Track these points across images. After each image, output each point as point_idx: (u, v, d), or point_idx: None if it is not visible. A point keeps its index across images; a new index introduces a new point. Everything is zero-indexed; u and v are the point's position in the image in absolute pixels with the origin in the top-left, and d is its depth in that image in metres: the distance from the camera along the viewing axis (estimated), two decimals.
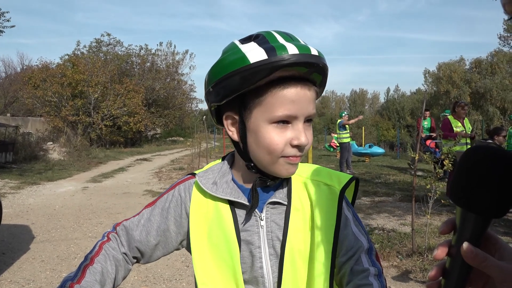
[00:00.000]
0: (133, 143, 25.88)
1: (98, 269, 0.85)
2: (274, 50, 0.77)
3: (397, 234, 5.05)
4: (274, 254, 0.89)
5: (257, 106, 0.82)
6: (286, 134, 0.82)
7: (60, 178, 10.77)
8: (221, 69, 0.82)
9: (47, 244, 4.94)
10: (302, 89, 0.81)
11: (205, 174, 0.93)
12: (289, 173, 0.86)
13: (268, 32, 0.84)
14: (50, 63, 24.49)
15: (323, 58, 0.82)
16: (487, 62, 32.66)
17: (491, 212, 0.50)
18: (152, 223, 0.93)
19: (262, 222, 0.89)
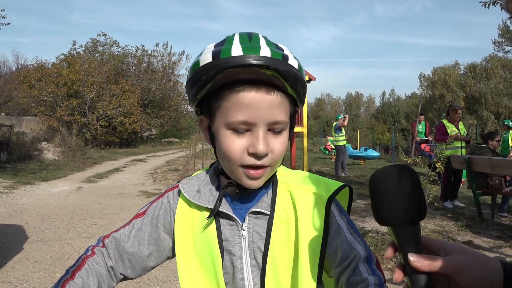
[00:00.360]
0: (128, 144, 25.80)
1: (78, 284, 0.82)
2: (219, 53, 0.75)
3: (391, 237, 5.06)
4: (256, 266, 0.86)
5: (218, 111, 0.81)
6: (242, 141, 0.79)
7: (54, 178, 10.72)
8: (188, 72, 0.84)
9: (40, 244, 4.92)
10: (259, 93, 0.76)
11: (189, 181, 0.92)
12: (249, 185, 0.82)
13: (234, 34, 0.82)
14: (46, 63, 24.44)
15: (277, 60, 0.75)
16: (481, 67, 32.85)
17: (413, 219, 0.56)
18: (144, 233, 0.92)
19: (244, 232, 0.86)
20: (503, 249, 4.73)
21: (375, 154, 15.93)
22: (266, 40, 0.80)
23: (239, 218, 0.87)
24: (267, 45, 0.78)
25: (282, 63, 0.75)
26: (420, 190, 0.58)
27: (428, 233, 5.23)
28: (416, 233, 0.57)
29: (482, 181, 6.10)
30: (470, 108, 31.42)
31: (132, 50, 30.12)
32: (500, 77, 31.51)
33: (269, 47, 0.77)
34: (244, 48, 0.75)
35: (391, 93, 61.55)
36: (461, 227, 5.66)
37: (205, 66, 0.76)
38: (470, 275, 0.56)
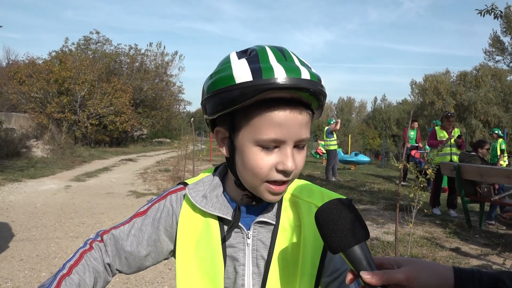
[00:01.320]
0: (118, 143, 25.62)
1: (75, 280, 0.83)
2: (260, 72, 0.74)
3: (380, 243, 5.08)
4: (257, 273, 0.89)
5: (244, 126, 0.79)
6: (272, 158, 0.79)
7: (42, 175, 10.60)
8: (212, 84, 0.80)
9: (26, 243, 4.85)
10: (292, 113, 0.77)
11: (195, 186, 0.92)
12: (271, 200, 0.83)
13: (262, 49, 0.80)
14: (37, 59, 24.18)
15: (316, 82, 0.77)
16: (472, 76, 33.27)
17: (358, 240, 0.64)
18: (144, 233, 0.92)
19: (249, 240, 0.88)
20: (490, 256, 4.77)
21: (365, 159, 16.00)
22: (298, 58, 0.81)
23: (245, 226, 0.89)
24: (302, 64, 0.78)
25: (318, 85, 0.77)
26: (357, 214, 0.67)
27: (417, 239, 5.26)
28: (366, 252, 0.64)
29: (470, 188, 6.15)
30: (460, 116, 31.77)
31: (125, 49, 29.99)
32: (490, 86, 31.93)
33: (305, 67, 0.78)
34: (285, 69, 0.74)
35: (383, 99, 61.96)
36: (449, 234, 5.70)
37: (244, 84, 0.74)
38: (419, 281, 0.62)
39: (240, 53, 0.83)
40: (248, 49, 0.82)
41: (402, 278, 0.61)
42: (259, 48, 0.80)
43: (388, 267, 0.65)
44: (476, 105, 30.34)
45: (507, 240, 5.49)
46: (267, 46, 0.81)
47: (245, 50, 0.83)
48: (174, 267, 0.92)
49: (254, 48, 0.81)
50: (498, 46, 32.07)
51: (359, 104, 72.31)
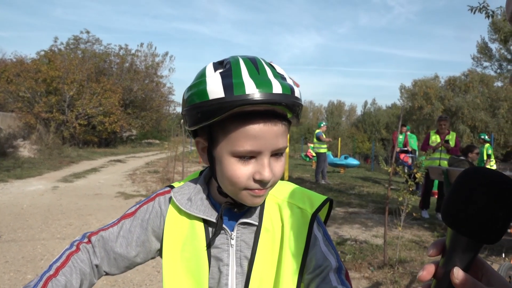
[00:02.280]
0: (107, 144, 25.39)
1: (61, 282, 0.83)
2: (231, 88, 0.76)
3: (369, 246, 5.10)
4: (241, 273, 0.91)
5: (222, 138, 0.82)
6: (249, 168, 0.82)
7: (29, 176, 10.45)
8: (189, 97, 0.83)
9: (12, 244, 4.77)
10: (266, 125, 0.79)
11: (180, 190, 0.94)
12: (253, 203, 0.86)
13: (236, 61, 0.82)
14: (25, 58, 23.88)
15: (288, 95, 0.78)
16: (460, 81, 33.67)
17: (485, 237, 0.49)
18: (133, 234, 0.93)
19: (233, 241, 0.91)
20: None
21: (355, 163, 16.08)
22: (272, 70, 0.82)
23: (229, 228, 0.91)
24: (275, 77, 0.80)
25: (291, 98, 0.79)
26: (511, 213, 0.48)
27: (405, 243, 5.30)
28: (477, 252, 0.52)
29: None
30: None
31: (115, 49, 29.76)
32: (478, 91, 32.35)
33: (277, 79, 0.79)
34: (257, 84, 0.76)
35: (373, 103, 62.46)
36: (437, 237, 5.74)
37: (215, 100, 0.77)
38: None
39: (216, 65, 0.85)
40: (224, 61, 0.85)
41: None
42: (233, 60, 0.82)
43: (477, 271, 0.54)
44: (463, 110, 30.68)
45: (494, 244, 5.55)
46: (241, 58, 0.83)
47: (221, 61, 0.85)
48: (162, 269, 0.93)
49: (229, 60, 0.83)
50: (486, 52, 32.56)
51: (349, 108, 72.77)
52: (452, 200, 0.51)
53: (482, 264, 0.54)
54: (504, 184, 0.48)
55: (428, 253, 0.55)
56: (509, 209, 0.48)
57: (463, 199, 0.49)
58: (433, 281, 0.53)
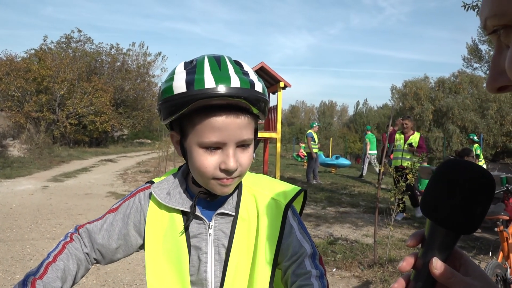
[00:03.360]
0: (98, 143, 25.23)
1: (60, 266, 0.89)
2: (192, 83, 0.83)
3: (359, 245, 5.14)
4: (218, 260, 0.97)
5: (190, 131, 0.88)
6: (215, 158, 0.87)
7: (18, 175, 10.35)
8: (160, 93, 0.89)
9: (1, 244, 4.72)
10: (229, 117, 0.85)
11: (160, 185, 0.99)
12: (222, 192, 0.92)
13: (202, 60, 0.88)
14: (15, 56, 23.62)
15: (246, 89, 0.84)
16: (450, 82, 33.97)
17: (462, 228, 0.50)
18: (114, 228, 0.99)
19: (211, 230, 0.97)
20: None
21: (346, 163, 16.16)
22: (234, 67, 0.87)
23: (207, 218, 0.97)
24: (236, 73, 0.86)
25: (250, 91, 0.85)
26: (488, 205, 0.51)
27: (395, 242, 5.34)
28: (455, 243, 0.53)
29: None
30: (438, 121, 32.39)
31: (107, 48, 29.57)
32: (468, 92, 32.66)
33: (237, 75, 0.85)
34: (216, 79, 0.83)
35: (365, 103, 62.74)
36: None
37: (179, 95, 0.84)
38: None
39: (187, 63, 0.91)
40: (192, 60, 0.91)
41: None
42: (200, 58, 0.89)
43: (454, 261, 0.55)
44: (453, 110, 30.94)
45: (482, 243, 5.62)
46: (207, 56, 0.90)
47: (191, 60, 0.92)
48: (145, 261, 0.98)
49: (197, 58, 0.90)
50: (476, 53, 32.89)
51: (340, 108, 73.06)
52: (431, 192, 0.52)
53: (460, 255, 0.56)
54: (483, 178, 0.49)
55: (407, 243, 0.56)
56: (486, 202, 0.49)
57: (442, 191, 0.50)
58: (412, 272, 0.54)
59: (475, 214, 0.49)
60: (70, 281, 0.91)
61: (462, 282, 0.51)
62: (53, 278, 0.86)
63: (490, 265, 3.13)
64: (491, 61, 0.51)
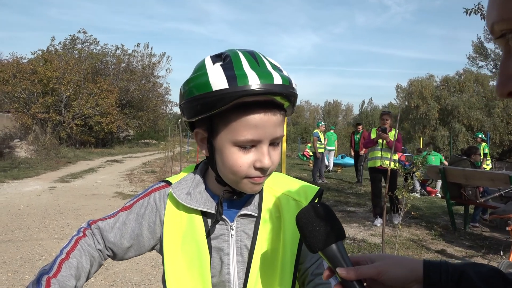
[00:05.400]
0: (104, 144, 25.32)
1: (73, 263, 0.88)
2: (235, 79, 0.79)
3: (367, 245, 5.12)
4: (241, 261, 0.95)
5: (223, 129, 0.85)
6: (249, 157, 0.85)
7: (26, 176, 10.41)
8: (190, 89, 0.85)
9: (9, 245, 4.75)
10: (266, 115, 0.83)
11: (179, 185, 0.97)
12: (253, 191, 0.90)
13: (236, 54, 0.85)
14: (21, 58, 23.75)
15: (287, 85, 0.83)
16: (455, 80, 33.80)
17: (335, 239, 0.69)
18: (127, 227, 0.97)
19: (233, 231, 0.95)
20: (474, 258, 4.84)
21: (352, 162, 16.10)
22: (270, 63, 0.86)
23: (229, 219, 0.95)
24: (273, 69, 0.84)
25: (289, 88, 0.83)
26: (333, 216, 0.72)
27: (403, 241, 5.31)
28: (341, 251, 0.69)
29: (456, 191, 6.24)
30: (444, 120, 32.23)
31: (112, 49, 29.67)
32: (473, 91, 32.47)
33: (277, 72, 0.83)
34: (259, 76, 0.80)
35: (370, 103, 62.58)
36: (435, 236, 5.77)
37: (220, 91, 0.79)
38: (389, 275, 0.66)
39: (214, 58, 0.87)
40: (222, 54, 0.87)
41: (373, 272, 0.67)
42: (232, 53, 0.85)
43: (363, 263, 0.70)
44: (459, 109, 30.78)
45: (491, 242, 5.58)
46: (239, 51, 0.86)
47: (219, 55, 0.88)
48: (161, 269, 0.96)
49: (227, 53, 0.86)
50: (482, 52, 32.69)
51: (345, 107, 72.90)
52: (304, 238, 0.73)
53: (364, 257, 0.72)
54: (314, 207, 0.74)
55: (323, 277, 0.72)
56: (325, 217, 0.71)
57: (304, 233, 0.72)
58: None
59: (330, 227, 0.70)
60: (84, 278, 0.90)
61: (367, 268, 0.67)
62: (67, 276, 0.85)
63: (502, 264, 3.10)
64: (500, 66, 0.51)
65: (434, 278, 0.65)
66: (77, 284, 0.87)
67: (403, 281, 0.66)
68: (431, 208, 8.21)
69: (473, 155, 6.97)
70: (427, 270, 0.66)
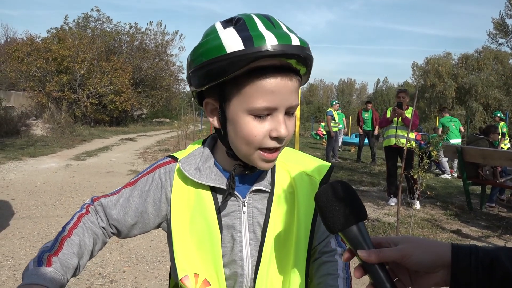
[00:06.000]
0: (118, 122, 25.55)
1: (76, 241, 0.85)
2: (251, 40, 0.73)
3: (381, 224, 5.08)
4: (254, 239, 0.92)
5: (236, 96, 0.79)
6: (265, 126, 0.80)
7: (42, 154, 10.56)
8: (199, 55, 0.79)
9: (27, 221, 4.84)
10: (283, 80, 0.77)
11: (187, 160, 0.92)
12: (265, 167, 0.86)
13: (249, 17, 0.78)
14: (36, 37, 23.85)
15: (305, 47, 0.77)
16: (473, 58, 32.97)
17: (356, 220, 0.65)
18: (131, 204, 0.93)
19: (245, 208, 0.91)
20: (491, 238, 4.77)
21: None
22: (285, 25, 0.80)
23: (240, 195, 0.91)
24: (290, 31, 0.78)
25: (307, 50, 0.77)
26: (355, 195, 0.68)
27: (418, 221, 5.26)
28: (363, 232, 0.65)
29: (473, 171, 6.13)
30: (461, 98, 31.62)
31: (125, 27, 29.59)
32: (492, 69, 31.68)
33: (293, 33, 0.77)
34: (276, 36, 0.74)
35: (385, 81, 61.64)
36: (450, 216, 5.70)
37: (236, 53, 0.73)
38: (413, 259, 0.62)
39: (224, 23, 0.80)
40: (233, 18, 0.80)
41: (397, 255, 0.63)
42: (245, 16, 0.79)
43: (386, 246, 0.66)
44: (477, 88, 30.12)
45: (508, 222, 5.49)
46: (253, 14, 0.80)
47: (229, 19, 0.81)
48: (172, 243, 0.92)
49: (239, 16, 0.79)
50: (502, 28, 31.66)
51: (360, 86, 71.99)
52: (323, 218, 0.68)
53: (386, 240, 0.67)
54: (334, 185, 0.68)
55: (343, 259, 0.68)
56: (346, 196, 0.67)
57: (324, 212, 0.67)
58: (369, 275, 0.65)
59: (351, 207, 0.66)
60: (87, 256, 0.87)
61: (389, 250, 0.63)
62: (69, 254, 0.82)
63: None
64: None
65: (463, 263, 0.60)
66: (79, 262, 0.85)
67: (429, 266, 0.62)
68: (446, 187, 8.11)
69: (491, 134, 6.82)
70: (456, 255, 0.62)
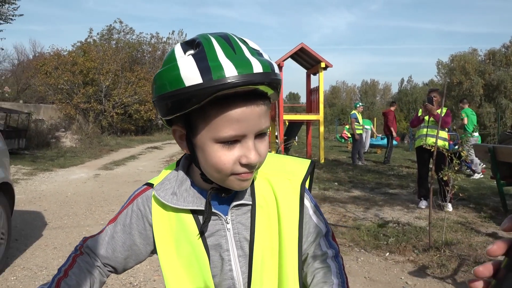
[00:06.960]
0: (144, 131, 25.97)
1: (73, 282, 0.84)
2: (209, 72, 0.69)
3: (412, 228, 4.95)
4: (242, 255, 0.89)
5: (202, 125, 0.76)
6: (234, 153, 0.77)
7: (72, 165, 10.82)
8: (160, 85, 0.75)
9: (59, 231, 4.94)
10: (249, 107, 0.74)
11: (161, 186, 0.89)
12: (241, 187, 0.82)
13: (208, 41, 0.74)
14: (62, 50, 24.57)
15: (269, 73, 0.72)
16: (501, 54, 32.04)
17: None
18: (116, 240, 0.92)
19: (229, 225, 0.88)
20: None
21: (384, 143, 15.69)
22: (247, 47, 0.75)
23: (222, 213, 0.88)
24: (252, 54, 0.73)
25: (271, 76, 0.73)
26: None
27: (451, 225, 5.11)
28: None
29: (507, 171, 5.92)
30: (489, 95, 30.74)
31: (147, 37, 30.14)
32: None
33: (254, 57, 0.73)
34: (236, 66, 0.70)
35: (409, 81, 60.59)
36: (485, 219, 5.51)
37: (193, 87, 0.70)
38: None
39: (185, 46, 0.77)
40: (194, 41, 0.76)
41: None
42: (204, 40, 0.75)
43: None
44: (506, 83, 29.23)
45: None
46: (212, 36, 0.75)
47: (190, 42, 0.77)
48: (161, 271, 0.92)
49: (199, 40, 0.75)
50: None
51: (383, 87, 70.98)
52: None
53: None
54: None
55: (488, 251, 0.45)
56: None
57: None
58: (504, 259, 0.45)
59: None
60: None
61: None
62: None
63: None
64: None
65: None
66: None
67: None
68: (478, 188, 7.86)
69: None
70: None
